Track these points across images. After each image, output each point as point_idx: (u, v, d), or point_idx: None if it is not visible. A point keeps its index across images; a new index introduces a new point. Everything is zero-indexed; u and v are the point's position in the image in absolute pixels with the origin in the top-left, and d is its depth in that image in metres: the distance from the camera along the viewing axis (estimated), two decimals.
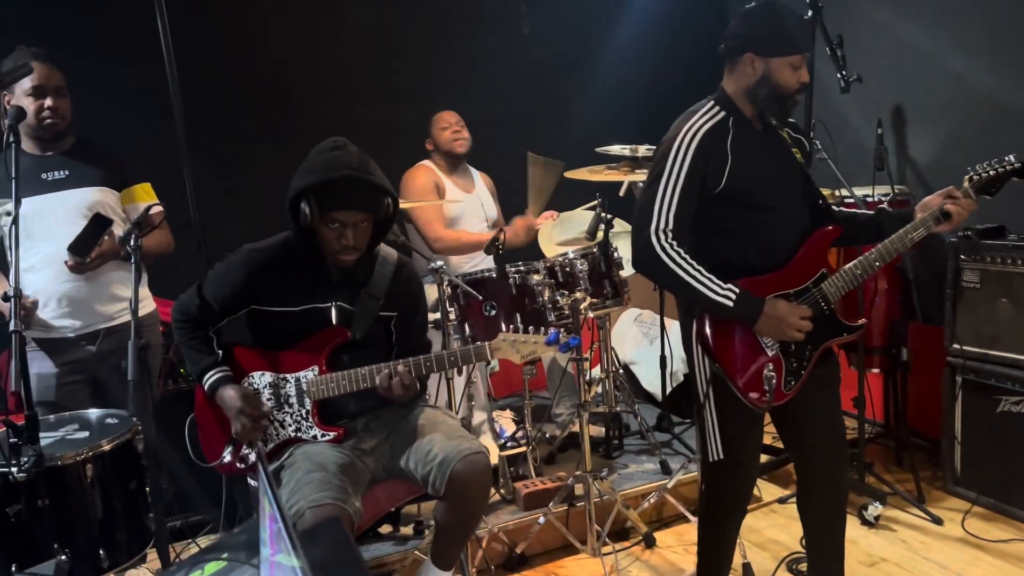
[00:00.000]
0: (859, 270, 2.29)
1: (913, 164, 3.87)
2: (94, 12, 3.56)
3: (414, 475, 2.38)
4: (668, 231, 2.20)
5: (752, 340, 2.26)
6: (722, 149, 2.22)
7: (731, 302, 2.18)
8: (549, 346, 2.37)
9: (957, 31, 3.63)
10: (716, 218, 2.27)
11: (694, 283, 2.19)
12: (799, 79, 2.22)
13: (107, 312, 2.87)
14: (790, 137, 2.37)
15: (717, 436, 2.34)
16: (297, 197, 2.31)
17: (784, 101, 2.25)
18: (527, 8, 4.61)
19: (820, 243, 2.31)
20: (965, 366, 3.28)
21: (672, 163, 2.20)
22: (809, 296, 2.28)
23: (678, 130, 2.24)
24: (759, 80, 2.23)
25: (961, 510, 3.24)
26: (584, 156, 3.57)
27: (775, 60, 2.20)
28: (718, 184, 2.21)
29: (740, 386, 2.26)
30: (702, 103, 2.31)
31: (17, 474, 2.11)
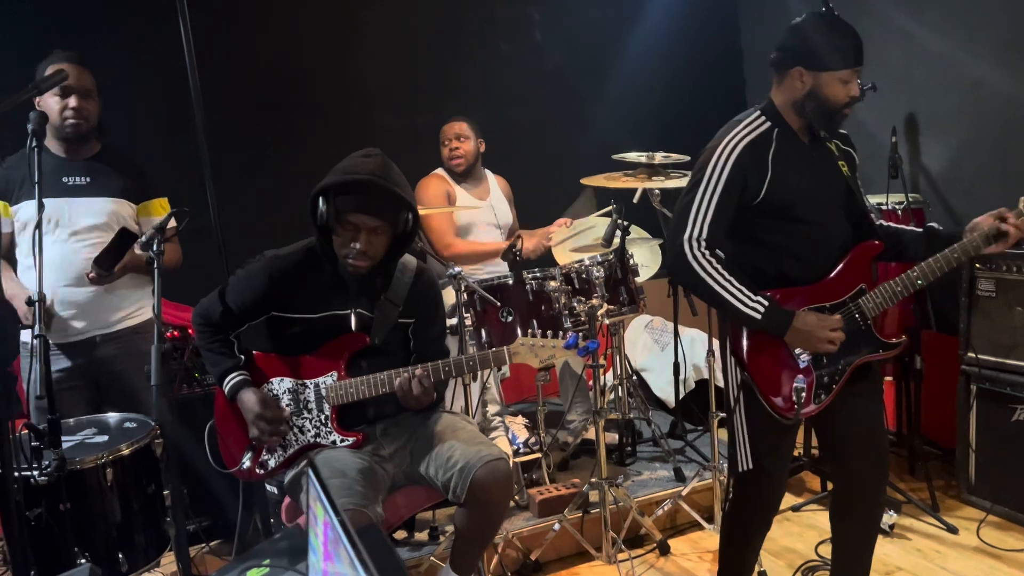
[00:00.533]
0: (899, 287, 2.24)
1: (927, 172, 3.88)
2: (118, 20, 3.61)
3: (434, 481, 2.38)
4: (701, 240, 2.19)
5: (783, 351, 2.25)
6: (763, 161, 2.20)
7: (759, 314, 2.17)
8: (568, 350, 2.38)
9: (971, 40, 3.63)
10: (754, 228, 2.25)
11: (724, 293, 2.18)
12: (849, 93, 2.18)
13: (108, 318, 2.86)
14: (839, 150, 2.33)
15: (747, 445, 2.32)
16: (317, 196, 2.32)
17: (832, 115, 2.21)
18: (539, 16, 4.63)
19: (860, 258, 2.28)
20: (980, 375, 3.28)
21: (711, 173, 2.19)
22: (845, 311, 2.25)
23: (720, 139, 2.23)
24: (807, 94, 2.19)
25: (976, 519, 3.24)
26: (600, 163, 3.57)
27: (824, 75, 2.16)
28: (757, 195, 2.20)
29: (767, 396, 2.26)
30: (748, 112, 2.28)
31: (39, 477, 2.12)
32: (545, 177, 4.25)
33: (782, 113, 2.25)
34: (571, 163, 3.86)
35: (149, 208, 2.92)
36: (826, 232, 2.27)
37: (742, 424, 2.33)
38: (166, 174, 3.43)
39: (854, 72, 2.18)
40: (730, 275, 2.19)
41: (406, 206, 2.37)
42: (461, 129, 3.80)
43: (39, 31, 3.44)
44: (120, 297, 2.87)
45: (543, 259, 3.69)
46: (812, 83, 2.18)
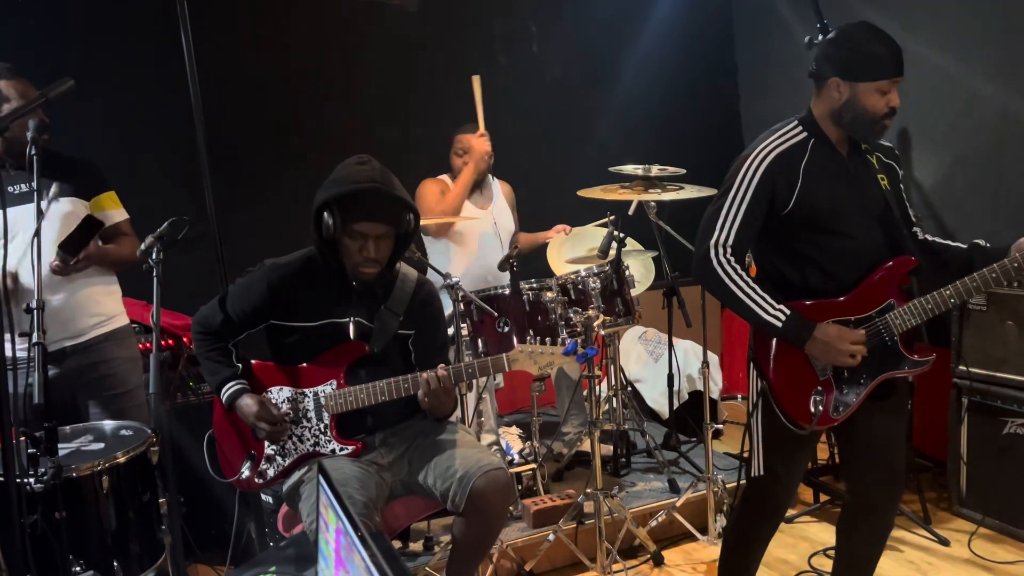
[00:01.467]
0: (930, 305, 2.20)
1: (919, 187, 3.92)
2: (120, 30, 3.61)
3: (433, 491, 2.38)
4: (728, 246, 2.20)
5: (804, 362, 2.25)
6: (794, 171, 2.20)
7: (780, 322, 2.17)
8: (567, 356, 2.39)
9: (964, 56, 3.68)
10: (783, 238, 2.26)
11: (747, 300, 2.19)
12: (888, 103, 2.17)
13: (77, 326, 2.77)
14: (880, 163, 2.32)
15: (760, 451, 2.33)
16: (320, 209, 2.33)
17: (872, 125, 2.20)
18: (537, 29, 4.66)
19: (891, 273, 2.25)
20: (971, 388, 3.30)
21: (741, 180, 2.21)
22: (871, 325, 2.23)
23: (753, 148, 2.24)
24: (844, 104, 2.19)
25: (967, 531, 3.26)
26: (597, 175, 3.59)
27: (862, 85, 2.16)
28: (786, 205, 2.20)
29: (782, 405, 2.26)
30: (786, 122, 2.28)
31: (35, 485, 2.11)
32: (543, 189, 4.27)
33: (820, 124, 2.25)
34: (568, 175, 3.88)
35: (101, 203, 2.84)
36: (857, 245, 2.25)
37: (758, 430, 2.34)
38: (167, 184, 3.45)
39: (893, 82, 2.17)
40: (754, 282, 2.20)
41: (408, 208, 2.40)
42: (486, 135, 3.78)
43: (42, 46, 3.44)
44: (90, 304, 2.80)
45: (540, 271, 3.71)
46: (849, 93, 2.17)
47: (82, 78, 2.25)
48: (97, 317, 2.82)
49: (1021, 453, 3.16)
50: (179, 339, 3.21)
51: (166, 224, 2.36)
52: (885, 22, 3.91)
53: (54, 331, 2.68)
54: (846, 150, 2.29)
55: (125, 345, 2.89)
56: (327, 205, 2.32)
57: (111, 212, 2.85)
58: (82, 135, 3.16)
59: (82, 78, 2.25)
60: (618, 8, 4.76)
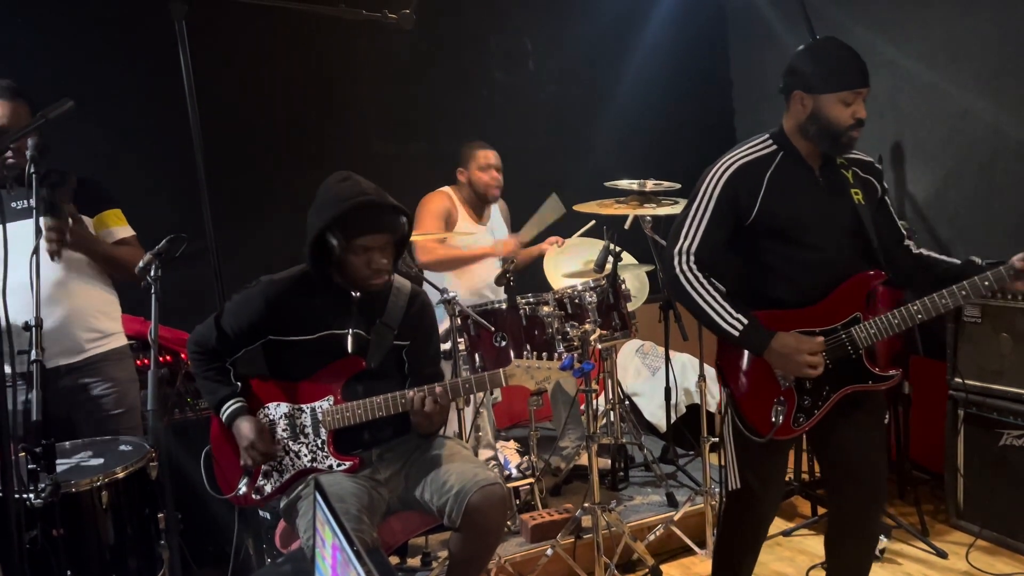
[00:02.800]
0: (896, 320, 2.22)
1: (913, 200, 3.95)
2: (118, 48, 3.64)
3: (429, 506, 2.38)
4: (691, 253, 2.24)
5: (766, 371, 2.27)
6: (757, 182, 2.24)
7: (737, 331, 2.20)
8: (563, 371, 2.40)
9: (956, 70, 3.71)
10: (751, 248, 2.29)
11: (706, 307, 2.22)
12: (853, 115, 2.19)
13: (74, 345, 2.76)
14: (856, 177, 2.33)
15: (735, 464, 2.35)
16: (320, 233, 2.34)
17: (837, 137, 2.22)
18: (532, 46, 4.70)
19: (858, 286, 2.27)
20: (967, 400, 3.31)
21: (704, 190, 2.26)
22: (835, 338, 2.25)
23: (718, 160, 2.29)
24: (809, 116, 2.23)
25: (965, 543, 3.26)
26: (593, 190, 3.62)
27: (823, 96, 2.19)
28: (749, 215, 2.24)
29: (743, 414, 2.28)
30: (757, 136, 2.33)
31: (35, 501, 2.12)
32: (539, 204, 4.29)
33: (790, 138, 2.29)
34: (564, 190, 3.90)
35: (105, 220, 2.84)
36: (824, 257, 2.27)
37: (730, 442, 2.36)
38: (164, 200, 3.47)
39: (856, 94, 2.19)
40: (716, 291, 2.23)
41: (402, 213, 2.43)
42: (499, 160, 3.82)
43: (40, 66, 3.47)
44: (87, 320, 2.79)
45: (536, 285, 3.72)
46: (812, 105, 2.22)
47: (81, 97, 2.27)
48: (94, 334, 2.81)
49: (1017, 465, 3.16)
50: (177, 355, 3.22)
51: (164, 241, 2.38)
52: (876, 37, 4.01)
53: (51, 348, 2.67)
54: (818, 164, 2.31)
55: (122, 366, 2.88)
56: (328, 228, 2.32)
57: (115, 229, 2.86)
58: (81, 154, 3.19)
59: (81, 97, 2.27)
60: (614, 24, 4.81)
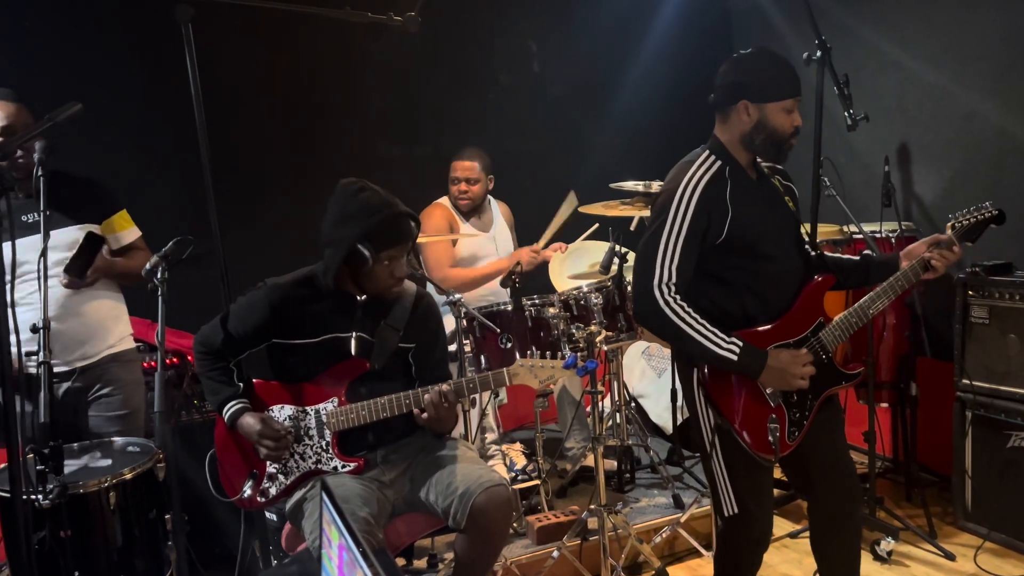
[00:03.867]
0: (854, 318, 2.29)
1: (919, 201, 3.93)
2: (127, 52, 3.66)
3: (434, 507, 2.39)
4: (671, 284, 2.18)
5: (755, 392, 2.25)
6: (722, 200, 2.21)
7: (735, 355, 2.16)
8: (567, 370, 2.40)
9: (963, 71, 3.70)
10: (716, 267, 2.25)
11: (698, 336, 2.17)
12: (793, 122, 2.23)
13: (89, 350, 2.81)
14: (781, 185, 2.37)
15: (729, 490, 2.30)
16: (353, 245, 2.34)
17: (780, 145, 2.24)
18: (538, 47, 4.70)
19: (816, 292, 2.31)
20: (975, 401, 3.30)
21: (674, 216, 2.19)
22: (808, 346, 2.27)
23: (677, 182, 2.23)
24: (754, 126, 2.22)
25: (973, 546, 3.24)
26: (598, 191, 3.62)
27: (770, 105, 2.20)
28: (720, 235, 2.20)
29: (748, 440, 2.25)
30: (696, 153, 2.30)
31: (43, 501, 2.13)
32: (544, 206, 4.29)
33: (730, 150, 2.28)
34: (569, 192, 3.90)
35: (113, 225, 2.87)
36: (783, 267, 2.30)
37: (721, 468, 2.30)
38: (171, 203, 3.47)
39: (796, 101, 2.23)
40: (703, 319, 2.18)
41: (413, 219, 2.45)
42: (472, 171, 3.81)
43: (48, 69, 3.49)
44: (98, 329, 2.83)
45: (542, 287, 3.73)
46: (759, 115, 2.22)
47: (88, 100, 2.28)
48: (101, 341, 2.84)
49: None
50: (183, 357, 3.23)
51: (171, 244, 2.39)
52: (883, 38, 4.00)
53: (61, 353, 2.73)
54: (754, 175, 2.32)
55: (128, 369, 2.91)
56: (359, 241, 2.33)
57: (122, 233, 2.88)
58: (88, 156, 3.21)
59: (88, 100, 2.28)
60: (618, 25, 4.81)
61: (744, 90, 2.23)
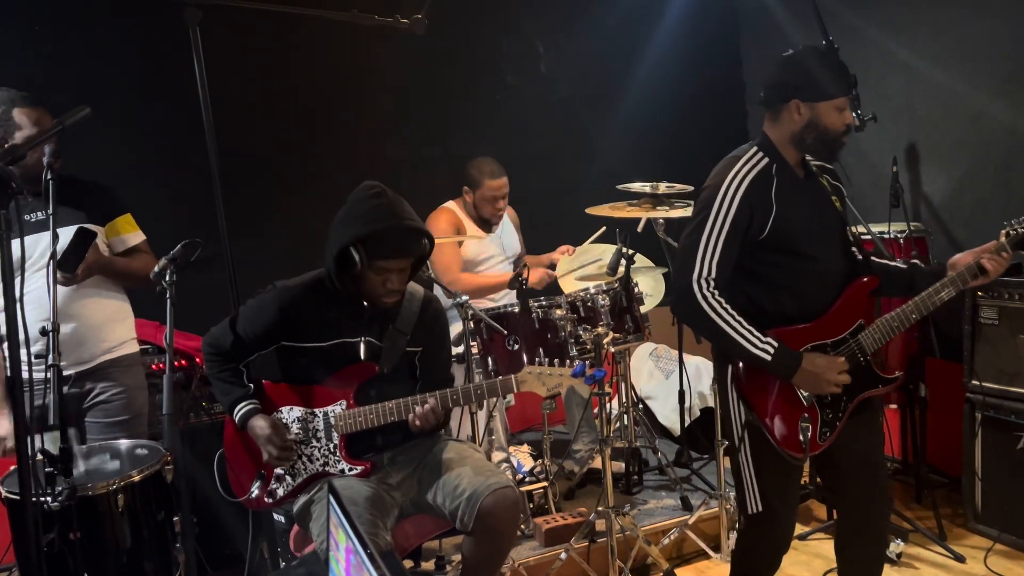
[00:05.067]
0: (896, 322, 2.26)
1: (928, 201, 3.92)
2: (135, 56, 3.68)
3: (442, 510, 2.39)
4: (711, 279, 2.17)
5: (788, 390, 2.24)
6: (767, 197, 2.20)
7: (769, 356, 2.16)
8: (575, 378, 2.40)
9: (971, 72, 3.69)
10: (756, 264, 2.25)
11: (733, 334, 2.17)
12: (844, 121, 2.21)
13: (89, 353, 2.79)
14: (829, 185, 2.35)
15: (755, 487, 2.30)
16: (345, 247, 2.34)
17: (832, 144, 2.23)
18: (545, 49, 4.71)
19: (858, 294, 2.29)
20: (984, 402, 3.28)
21: (717, 211, 2.18)
22: (846, 347, 2.25)
23: (723, 176, 2.22)
24: (806, 125, 2.21)
25: (983, 547, 3.23)
26: (605, 192, 3.62)
27: (821, 104, 2.19)
28: (762, 232, 2.20)
29: (777, 438, 2.24)
30: (745, 148, 2.29)
31: (52, 504, 2.14)
32: (551, 207, 4.30)
33: (779, 148, 2.26)
34: (576, 193, 3.90)
35: (116, 227, 2.86)
36: (824, 267, 2.28)
37: (748, 465, 2.30)
38: (180, 206, 3.47)
39: (847, 100, 2.22)
40: (740, 315, 2.17)
41: (424, 235, 2.43)
42: (506, 187, 3.77)
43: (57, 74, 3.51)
44: (101, 331, 2.81)
45: (549, 288, 3.73)
46: (810, 114, 2.20)
47: (97, 104, 2.29)
48: (105, 343, 2.83)
49: None
50: (192, 359, 3.24)
51: (179, 246, 2.40)
52: (890, 39, 3.98)
53: (63, 357, 2.69)
54: (802, 173, 2.31)
55: (131, 372, 2.90)
56: (353, 244, 2.32)
57: (126, 236, 2.88)
58: (97, 160, 3.22)
59: (97, 104, 2.29)
60: (625, 26, 4.80)
61: (795, 89, 2.22)
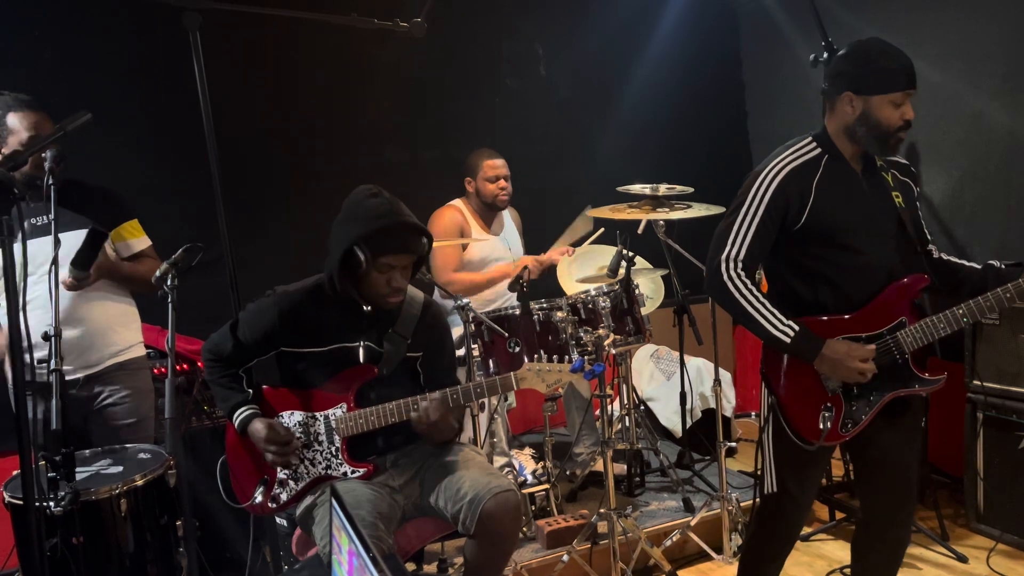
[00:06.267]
0: (943, 324, 2.22)
1: (928, 201, 3.92)
2: (135, 61, 3.68)
3: (444, 513, 2.39)
4: (739, 260, 2.22)
5: (814, 377, 2.25)
6: (806, 186, 2.21)
7: (789, 338, 2.18)
8: (574, 373, 2.40)
9: (970, 72, 3.69)
10: (795, 252, 2.27)
11: (756, 315, 2.20)
12: (902, 116, 2.19)
13: (93, 358, 2.81)
14: (895, 180, 2.33)
15: (772, 469, 2.33)
16: (350, 246, 2.34)
17: (886, 139, 2.21)
18: (544, 51, 4.71)
19: (903, 290, 2.26)
20: (986, 402, 3.28)
21: (753, 196, 2.22)
22: (882, 343, 2.23)
23: (767, 163, 2.26)
24: (858, 118, 2.21)
25: (985, 548, 3.23)
26: (606, 195, 3.62)
27: (875, 98, 2.18)
28: (799, 220, 2.22)
29: (790, 419, 2.27)
30: (800, 138, 2.30)
31: (54, 509, 2.14)
32: (551, 210, 4.30)
33: (834, 140, 2.27)
34: (577, 195, 3.90)
35: (121, 233, 2.87)
36: (868, 261, 2.26)
37: (769, 446, 2.34)
38: (180, 211, 3.47)
39: (905, 95, 2.19)
40: (764, 298, 2.21)
41: (424, 233, 2.44)
42: (505, 167, 3.80)
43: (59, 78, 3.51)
44: (108, 335, 2.83)
45: (550, 290, 3.73)
46: (862, 107, 2.20)
47: (98, 109, 2.29)
48: (112, 347, 2.85)
49: None
50: (193, 364, 3.24)
51: (180, 251, 2.40)
52: (890, 39, 3.97)
53: (71, 360, 2.73)
54: (860, 167, 2.30)
55: (138, 376, 2.91)
56: (356, 243, 2.33)
57: (132, 241, 2.89)
58: (97, 164, 3.22)
59: (98, 109, 2.29)
60: (624, 28, 4.81)
61: (849, 81, 2.22)
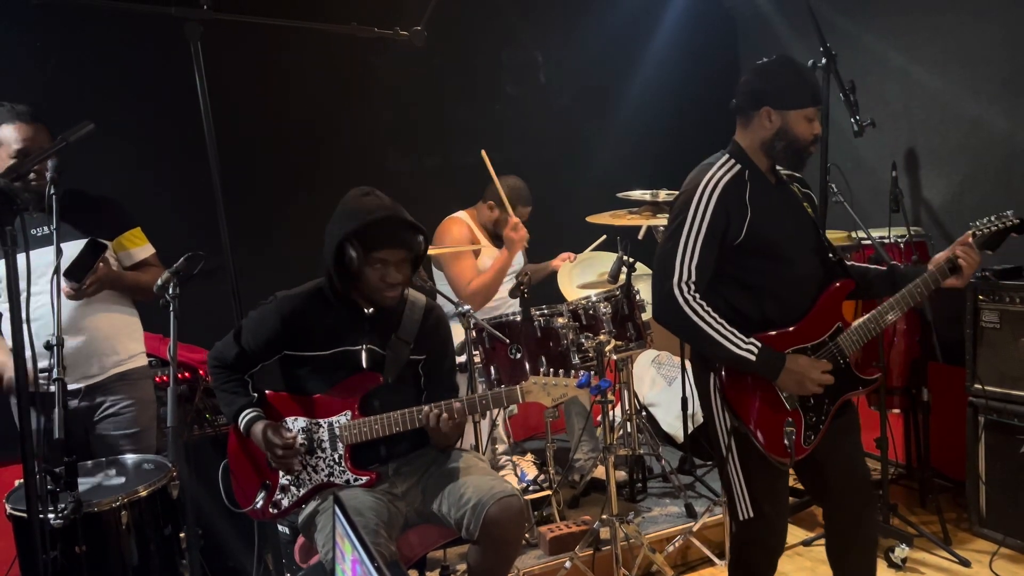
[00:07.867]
0: (872, 324, 2.30)
1: (928, 206, 3.93)
2: (137, 70, 3.70)
3: (447, 519, 2.39)
4: (691, 283, 2.20)
5: (772, 395, 2.26)
6: (742, 201, 2.23)
7: (753, 356, 2.18)
8: (580, 389, 2.40)
9: (969, 77, 3.70)
10: (735, 269, 2.27)
11: (717, 336, 2.19)
12: (813, 131, 2.26)
13: (93, 368, 2.80)
14: (800, 192, 2.39)
15: (745, 493, 2.32)
16: (341, 244, 2.36)
17: (800, 153, 2.28)
18: (543, 58, 4.73)
19: (835, 297, 2.32)
20: (988, 406, 3.28)
21: (693, 215, 2.21)
22: (826, 350, 2.28)
23: (697, 182, 2.25)
24: (776, 133, 2.25)
25: (988, 552, 3.22)
26: (605, 201, 3.63)
27: (792, 113, 2.24)
28: (739, 235, 2.22)
29: (763, 442, 2.25)
30: (717, 156, 2.33)
31: (54, 521, 2.13)
32: (551, 216, 4.31)
33: (750, 155, 2.30)
34: (576, 202, 3.91)
35: (123, 242, 2.87)
36: (802, 271, 2.31)
37: (737, 471, 2.32)
38: (182, 219, 3.48)
39: (816, 111, 2.26)
40: (721, 318, 2.20)
41: (420, 231, 2.45)
42: None
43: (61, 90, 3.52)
44: (111, 344, 2.83)
45: (551, 296, 3.73)
46: (780, 122, 2.25)
47: (100, 119, 2.30)
48: (114, 356, 2.84)
49: None
50: (195, 372, 3.24)
51: (182, 259, 2.41)
52: (888, 45, 4.00)
53: (72, 370, 2.71)
54: (774, 180, 2.34)
55: (140, 386, 2.90)
56: (347, 239, 2.35)
57: (134, 250, 2.89)
58: (99, 173, 3.23)
59: (100, 119, 2.30)
60: (623, 35, 4.83)
61: (767, 97, 2.25)
